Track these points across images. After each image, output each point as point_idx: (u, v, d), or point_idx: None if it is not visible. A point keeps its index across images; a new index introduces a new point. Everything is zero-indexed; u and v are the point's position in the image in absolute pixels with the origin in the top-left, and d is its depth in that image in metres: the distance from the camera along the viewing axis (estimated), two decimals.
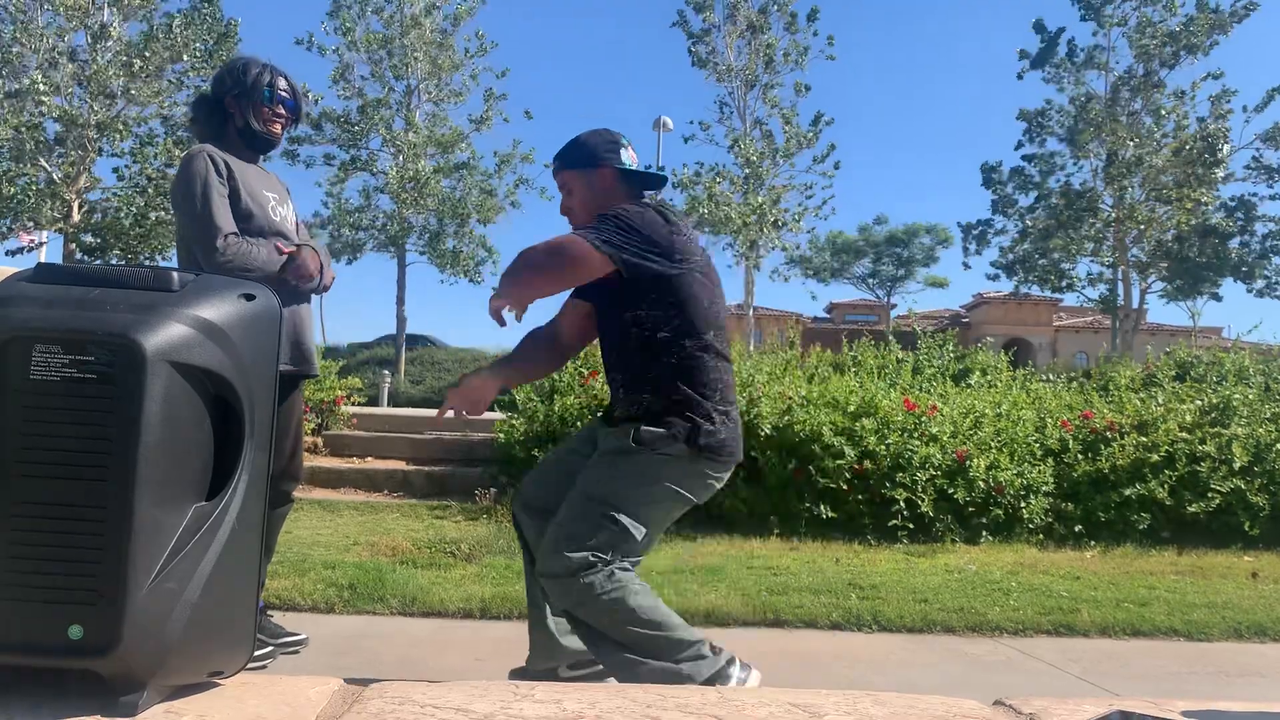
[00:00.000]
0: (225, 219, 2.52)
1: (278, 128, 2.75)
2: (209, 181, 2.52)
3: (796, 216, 17.90)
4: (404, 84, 18.68)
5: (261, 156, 2.82)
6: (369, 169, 18.67)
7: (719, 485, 2.33)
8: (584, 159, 2.35)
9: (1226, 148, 17.14)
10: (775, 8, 17.93)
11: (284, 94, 2.73)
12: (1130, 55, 17.59)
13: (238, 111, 2.68)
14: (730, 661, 2.22)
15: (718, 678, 2.16)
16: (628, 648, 2.16)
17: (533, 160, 18.97)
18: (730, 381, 2.30)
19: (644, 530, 2.23)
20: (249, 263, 2.50)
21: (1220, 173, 17.18)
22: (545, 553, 2.21)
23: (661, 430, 2.17)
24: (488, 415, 8.57)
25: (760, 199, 17.07)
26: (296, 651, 2.79)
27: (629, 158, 2.37)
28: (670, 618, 2.22)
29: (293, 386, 2.73)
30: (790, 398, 6.03)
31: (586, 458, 2.34)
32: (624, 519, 2.19)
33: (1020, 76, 18.48)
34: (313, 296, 2.83)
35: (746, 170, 17.45)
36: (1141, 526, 5.85)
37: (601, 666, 2.30)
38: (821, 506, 5.65)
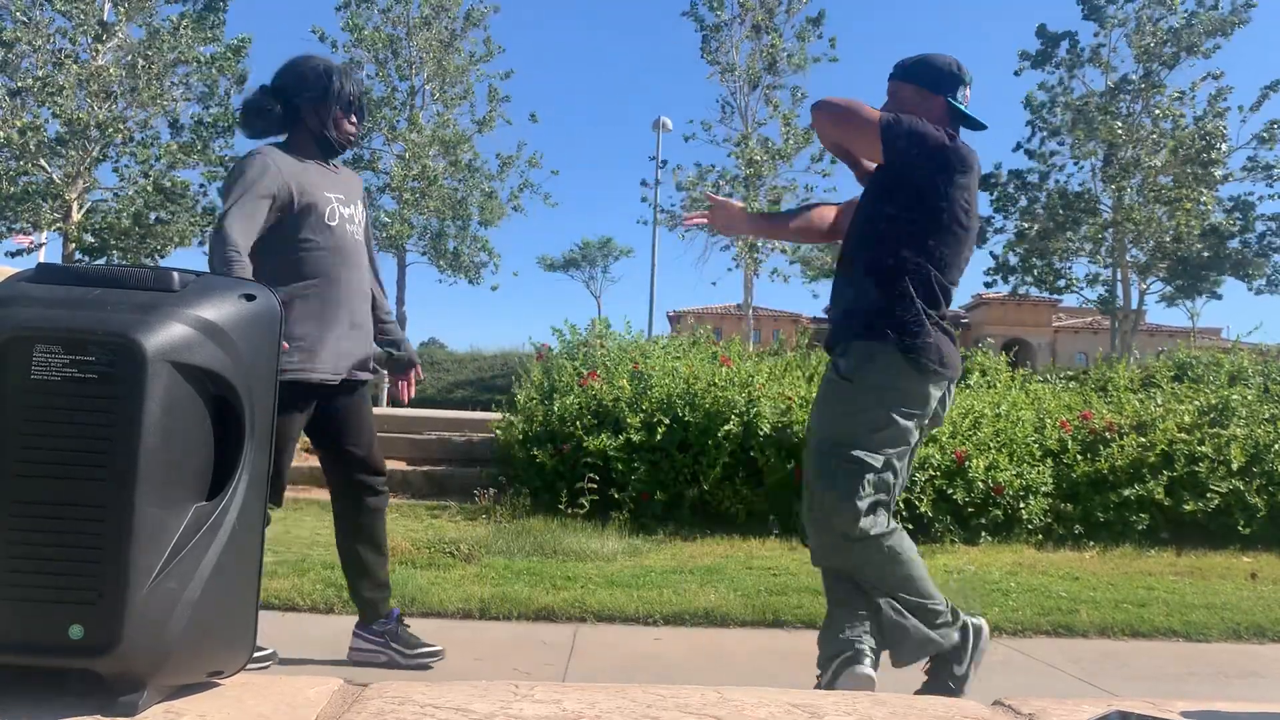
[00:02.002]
0: (241, 232, 2.46)
1: (352, 135, 2.75)
2: (251, 189, 2.48)
3: None
4: (408, 84, 18.68)
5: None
6: (371, 168, 18.68)
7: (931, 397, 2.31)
8: (928, 80, 2.37)
9: (1224, 145, 17.11)
10: (784, 10, 17.92)
11: (358, 100, 2.73)
12: (1131, 56, 17.57)
13: (313, 117, 2.66)
14: (963, 627, 2.36)
15: (963, 645, 2.33)
16: (898, 607, 2.26)
17: (539, 165, 18.97)
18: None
19: (881, 457, 2.25)
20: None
21: (1219, 172, 17.15)
22: (818, 518, 2.30)
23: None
24: (486, 415, 8.59)
25: (757, 206, 17.08)
26: (429, 666, 2.78)
27: (964, 97, 2.38)
28: (932, 588, 2.33)
29: (359, 385, 2.76)
30: (790, 398, 6.03)
31: None
32: (858, 453, 2.23)
33: (1018, 74, 18.44)
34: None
35: (748, 171, 17.44)
36: (1140, 527, 5.85)
37: None
38: None
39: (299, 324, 2.56)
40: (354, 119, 2.72)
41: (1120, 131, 16.93)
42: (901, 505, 5.61)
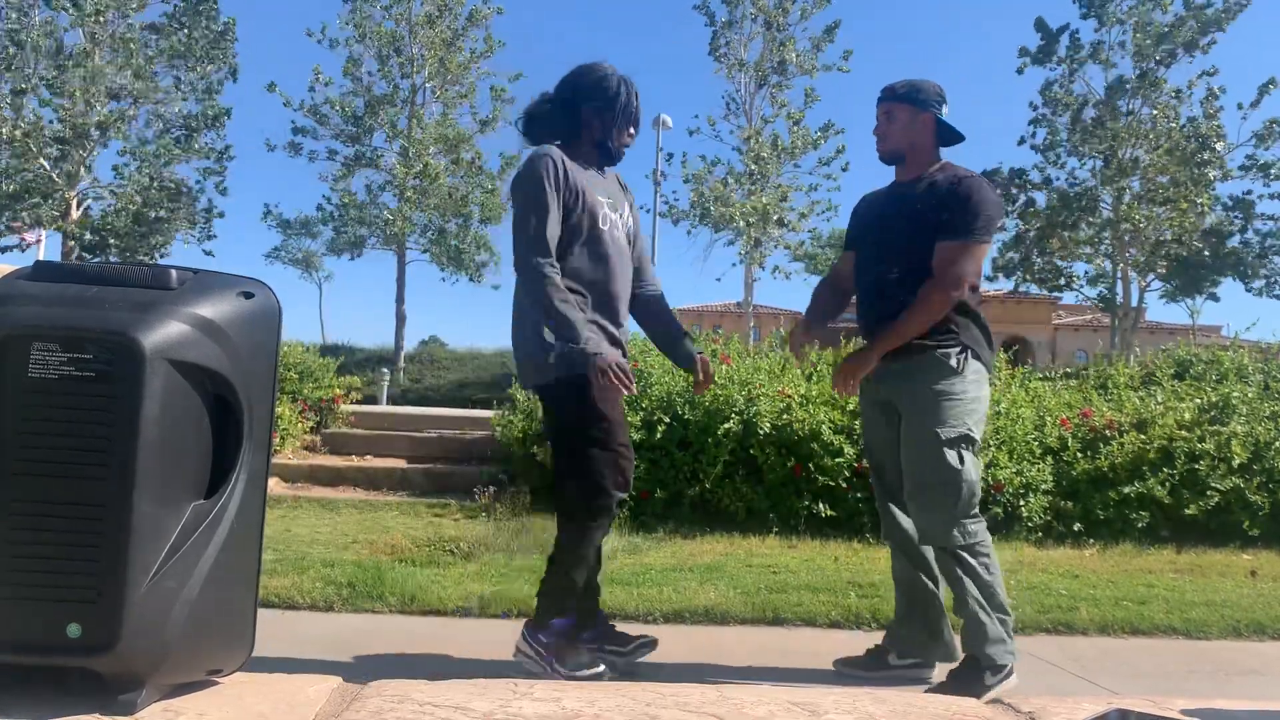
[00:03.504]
0: (550, 237, 2.51)
1: (627, 146, 2.77)
2: (547, 196, 2.51)
3: (802, 214, 17.86)
4: (409, 83, 18.65)
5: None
6: (373, 165, 18.66)
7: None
8: (918, 99, 2.69)
9: (1220, 145, 17.07)
10: (798, 11, 17.87)
11: (638, 113, 2.76)
12: (1129, 55, 17.52)
13: (598, 125, 2.69)
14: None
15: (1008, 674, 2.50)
16: (988, 607, 2.51)
17: None
18: None
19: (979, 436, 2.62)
20: (549, 308, 2.45)
21: (1214, 173, 17.12)
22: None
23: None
24: (486, 413, 8.59)
25: (764, 199, 17.04)
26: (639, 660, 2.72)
27: (946, 113, 2.72)
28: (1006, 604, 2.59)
29: None
30: (789, 396, 6.02)
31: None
32: (971, 433, 2.57)
33: (1020, 71, 18.38)
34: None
35: (753, 167, 17.42)
36: (1140, 525, 5.85)
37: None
38: (820, 505, 5.65)
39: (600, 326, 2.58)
40: (632, 130, 2.76)
41: (1123, 134, 16.89)
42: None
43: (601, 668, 2.59)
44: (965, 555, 2.52)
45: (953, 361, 2.58)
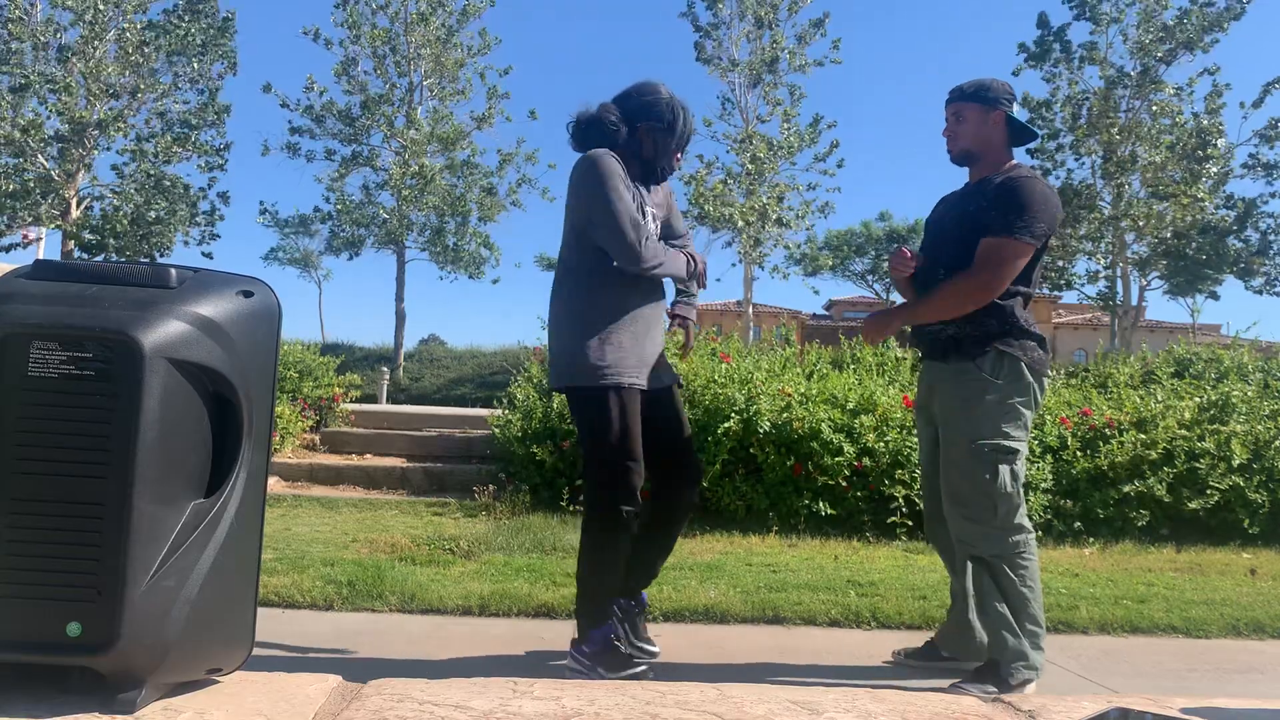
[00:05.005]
0: (638, 219, 2.54)
1: (674, 170, 2.81)
2: (620, 182, 2.54)
3: (800, 214, 17.85)
4: (406, 80, 18.66)
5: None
6: (370, 164, 18.66)
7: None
8: (986, 97, 2.67)
9: (1221, 142, 17.05)
10: (786, 9, 17.82)
11: (690, 139, 2.80)
12: (1127, 52, 17.49)
13: (649, 143, 2.72)
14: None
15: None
16: (1014, 621, 2.47)
17: (536, 160, 18.95)
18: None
19: (1025, 445, 2.58)
20: (668, 269, 2.61)
21: (1214, 168, 17.10)
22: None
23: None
24: (486, 412, 8.60)
25: (763, 199, 17.03)
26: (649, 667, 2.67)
27: (1017, 110, 2.70)
28: (1041, 616, 2.55)
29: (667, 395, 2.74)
30: (789, 394, 6.02)
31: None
32: (1010, 443, 2.52)
33: (1016, 74, 18.35)
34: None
35: (750, 166, 17.40)
36: (1140, 524, 5.86)
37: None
38: (820, 503, 5.65)
39: (627, 337, 2.59)
40: (679, 155, 2.81)
41: (1117, 133, 16.87)
42: (902, 502, 5.62)
43: (643, 667, 2.60)
44: (1000, 566, 2.49)
45: (987, 368, 2.55)
